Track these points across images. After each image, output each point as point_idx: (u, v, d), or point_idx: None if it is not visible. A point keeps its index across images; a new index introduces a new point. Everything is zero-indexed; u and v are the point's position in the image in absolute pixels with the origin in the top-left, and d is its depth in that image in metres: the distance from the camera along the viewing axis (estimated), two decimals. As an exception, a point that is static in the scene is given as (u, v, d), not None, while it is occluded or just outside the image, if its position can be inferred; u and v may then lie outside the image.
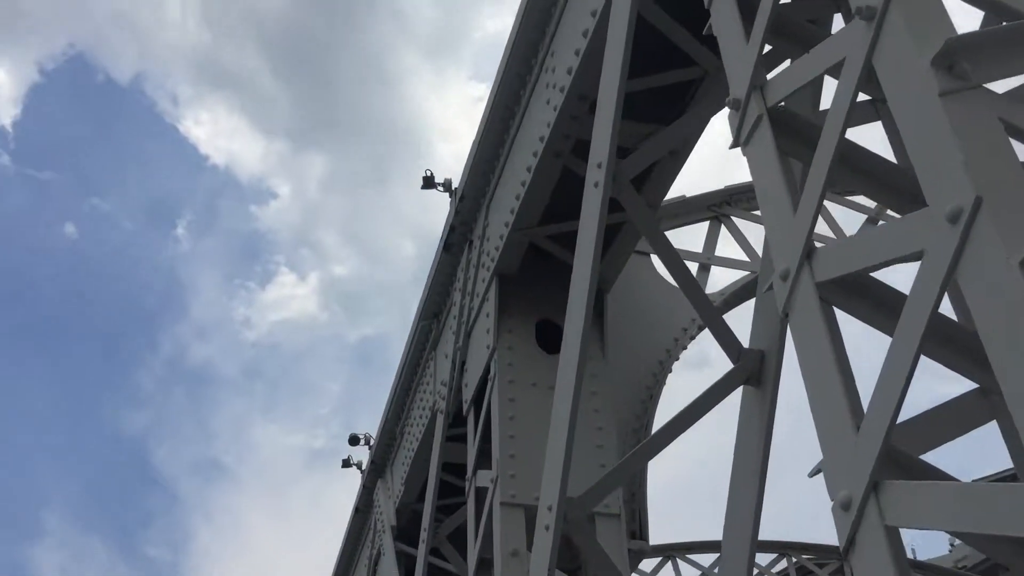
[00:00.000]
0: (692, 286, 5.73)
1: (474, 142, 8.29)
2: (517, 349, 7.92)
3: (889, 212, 8.95)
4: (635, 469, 5.48)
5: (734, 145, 4.14)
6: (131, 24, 53.36)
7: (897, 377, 3.12)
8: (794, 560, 15.86)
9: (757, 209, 9.07)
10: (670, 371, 8.30)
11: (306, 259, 61.61)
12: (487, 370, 7.93)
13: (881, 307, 3.66)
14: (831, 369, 3.44)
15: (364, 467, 12.01)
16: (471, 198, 8.41)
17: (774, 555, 15.74)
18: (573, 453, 6.74)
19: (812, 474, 3.67)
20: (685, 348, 8.56)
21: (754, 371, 4.55)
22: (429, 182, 8.64)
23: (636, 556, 7.78)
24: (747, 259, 9.50)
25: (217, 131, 58.93)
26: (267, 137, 59.60)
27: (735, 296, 8.87)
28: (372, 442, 11.68)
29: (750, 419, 4.53)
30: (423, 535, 8.96)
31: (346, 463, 12.33)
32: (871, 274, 3.62)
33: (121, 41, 54.48)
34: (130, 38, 54.54)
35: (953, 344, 3.65)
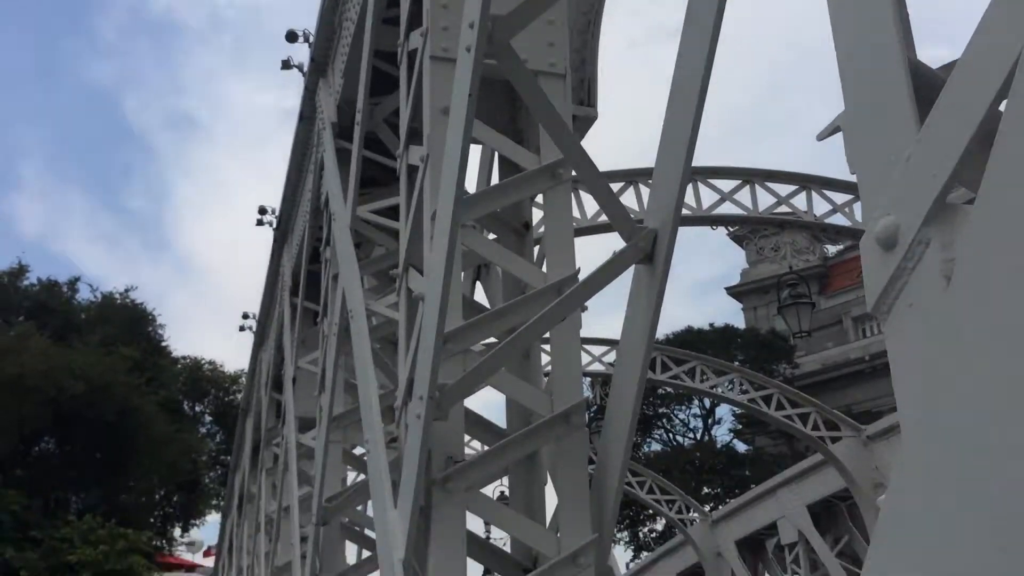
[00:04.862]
0: (587, 164, 4.61)
1: None
2: None
3: None
4: (506, 357, 4.72)
5: None
6: None
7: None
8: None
9: None
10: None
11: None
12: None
13: None
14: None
15: (305, 68, 11.13)
16: None
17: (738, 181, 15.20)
18: None
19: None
20: None
21: (647, 250, 4.21)
22: None
23: (583, 123, 7.11)
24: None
25: None
26: None
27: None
28: (311, 39, 10.72)
29: (639, 297, 4.28)
30: (357, 117, 8.23)
31: (286, 64, 11.43)
32: None
33: None
34: None
35: None
